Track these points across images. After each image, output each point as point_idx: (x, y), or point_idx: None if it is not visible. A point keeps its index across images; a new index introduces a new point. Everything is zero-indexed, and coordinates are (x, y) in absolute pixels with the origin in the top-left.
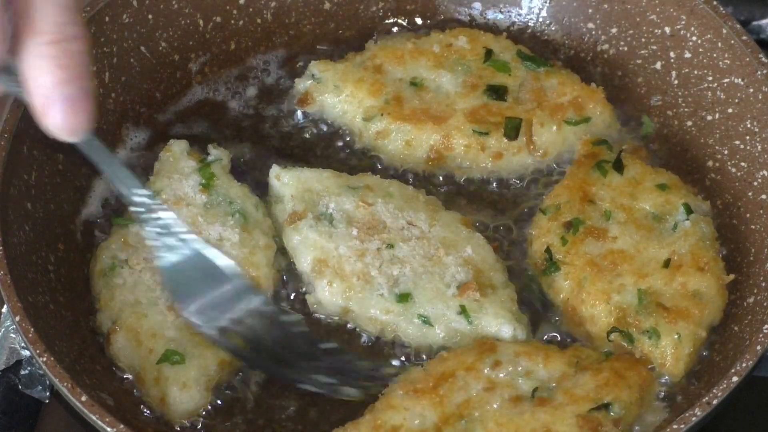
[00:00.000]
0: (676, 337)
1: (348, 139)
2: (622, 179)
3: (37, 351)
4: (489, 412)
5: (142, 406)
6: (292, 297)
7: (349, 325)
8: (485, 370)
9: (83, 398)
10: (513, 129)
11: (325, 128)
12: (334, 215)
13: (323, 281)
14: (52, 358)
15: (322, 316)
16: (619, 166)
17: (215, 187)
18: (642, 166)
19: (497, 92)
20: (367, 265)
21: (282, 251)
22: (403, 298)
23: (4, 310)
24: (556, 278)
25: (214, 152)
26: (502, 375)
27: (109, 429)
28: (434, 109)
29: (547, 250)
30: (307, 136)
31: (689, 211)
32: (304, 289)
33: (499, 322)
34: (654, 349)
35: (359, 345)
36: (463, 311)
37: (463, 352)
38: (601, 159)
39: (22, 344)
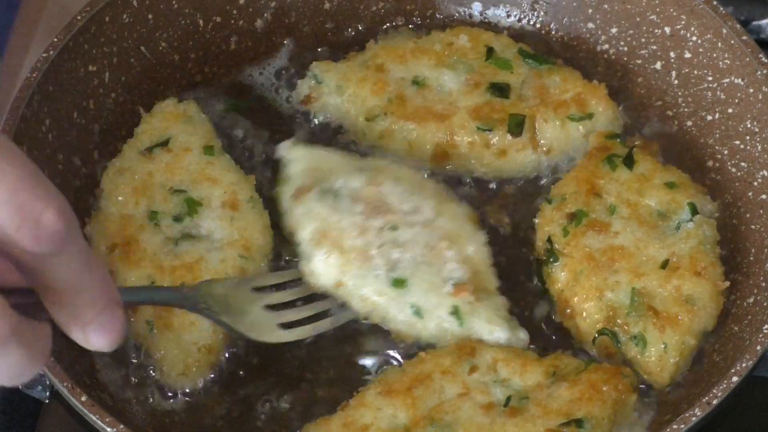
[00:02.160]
0: (662, 346)
1: (351, 139)
2: (631, 175)
3: None
4: (460, 418)
5: (140, 401)
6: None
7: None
8: (461, 375)
9: (83, 398)
10: (516, 126)
11: (327, 129)
12: (340, 191)
13: (321, 251)
14: (52, 358)
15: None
16: (629, 162)
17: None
18: (653, 162)
19: (500, 90)
20: (368, 243)
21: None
22: (399, 283)
23: None
24: (554, 269)
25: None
26: (477, 381)
27: (109, 429)
28: (437, 108)
29: (549, 240)
30: (309, 136)
31: (694, 211)
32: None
33: (491, 328)
34: (639, 357)
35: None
36: (455, 312)
37: (442, 354)
38: (612, 153)
39: None
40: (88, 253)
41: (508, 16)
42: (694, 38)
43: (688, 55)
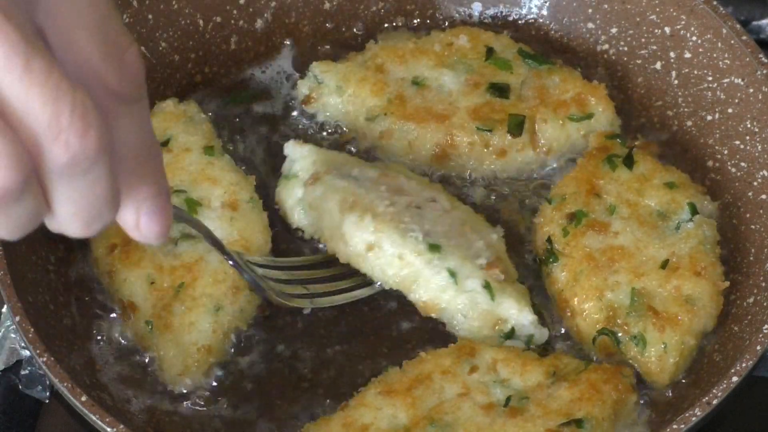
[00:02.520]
0: (662, 346)
1: (351, 139)
2: (630, 175)
3: (37, 351)
4: (459, 418)
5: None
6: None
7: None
8: (461, 375)
9: (83, 398)
10: (516, 126)
11: (327, 129)
12: (358, 176)
13: (353, 215)
14: (52, 358)
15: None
16: (629, 162)
17: None
18: (653, 163)
19: (500, 90)
20: (399, 212)
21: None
22: (434, 248)
23: (4, 310)
24: (554, 269)
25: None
26: (477, 381)
27: (109, 429)
28: (437, 108)
29: (549, 240)
30: (309, 137)
31: (694, 211)
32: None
33: (520, 307)
34: (639, 357)
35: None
36: (487, 287)
37: (442, 354)
38: (612, 153)
39: (22, 344)
40: (152, 124)
41: (508, 16)
42: (694, 38)
43: (688, 55)
